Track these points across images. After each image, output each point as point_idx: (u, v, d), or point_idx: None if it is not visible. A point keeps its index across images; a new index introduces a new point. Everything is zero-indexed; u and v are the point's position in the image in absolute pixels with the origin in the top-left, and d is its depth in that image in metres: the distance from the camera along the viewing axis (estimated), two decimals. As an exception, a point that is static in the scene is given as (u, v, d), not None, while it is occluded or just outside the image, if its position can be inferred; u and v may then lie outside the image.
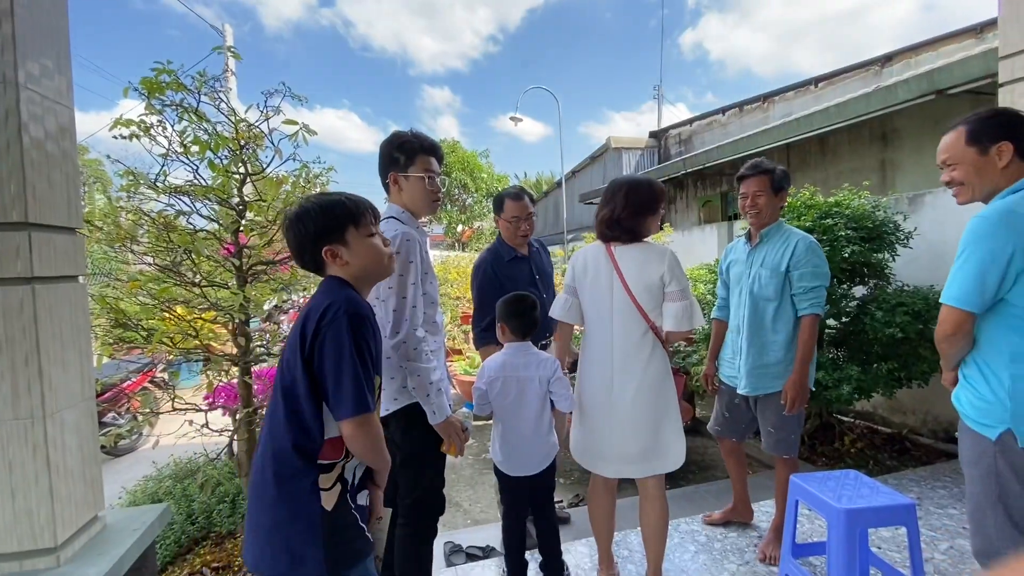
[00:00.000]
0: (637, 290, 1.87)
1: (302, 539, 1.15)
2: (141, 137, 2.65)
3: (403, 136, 1.80)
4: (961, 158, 1.46)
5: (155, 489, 2.98)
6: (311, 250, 1.25)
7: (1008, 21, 2.98)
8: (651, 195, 1.92)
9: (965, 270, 1.35)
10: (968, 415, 1.43)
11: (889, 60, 6.80)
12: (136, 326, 2.65)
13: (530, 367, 1.96)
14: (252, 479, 1.23)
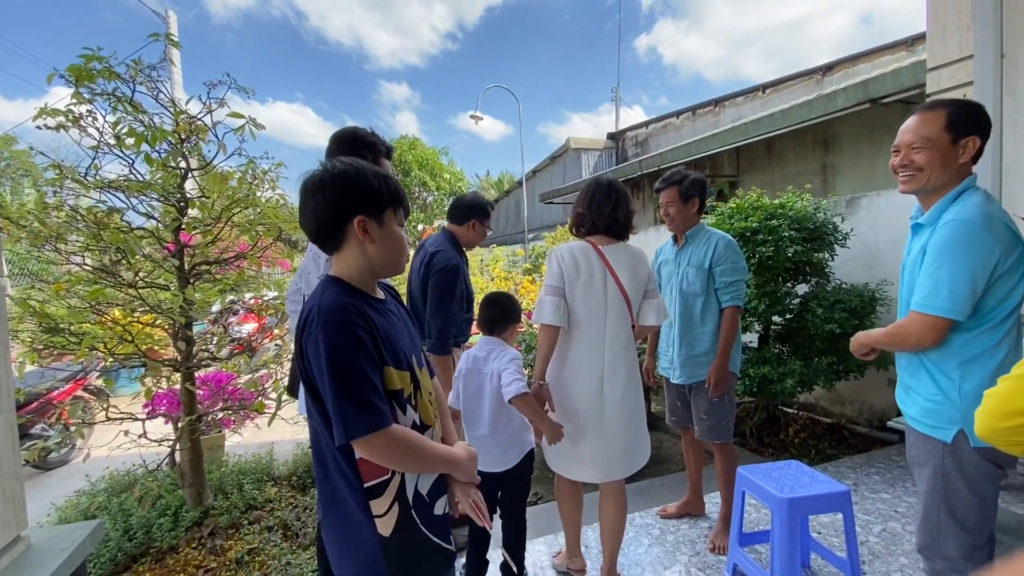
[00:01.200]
0: (630, 289, 1.92)
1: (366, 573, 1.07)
2: (70, 128, 2.48)
3: (369, 135, 1.75)
4: (933, 141, 1.37)
5: (88, 504, 2.79)
6: (342, 216, 1.06)
7: (935, 37, 3.19)
8: (629, 196, 2.04)
9: (957, 278, 1.28)
10: (918, 419, 1.45)
11: (830, 69, 7.17)
12: (65, 331, 2.47)
13: (489, 362, 1.94)
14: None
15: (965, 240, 1.29)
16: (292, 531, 2.63)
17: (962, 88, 3.03)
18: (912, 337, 1.39)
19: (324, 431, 1.06)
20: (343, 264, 1.11)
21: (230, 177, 2.68)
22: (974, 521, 1.36)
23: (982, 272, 1.28)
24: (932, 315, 1.33)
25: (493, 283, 8.90)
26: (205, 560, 2.37)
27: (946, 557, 1.39)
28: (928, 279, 1.34)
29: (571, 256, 1.92)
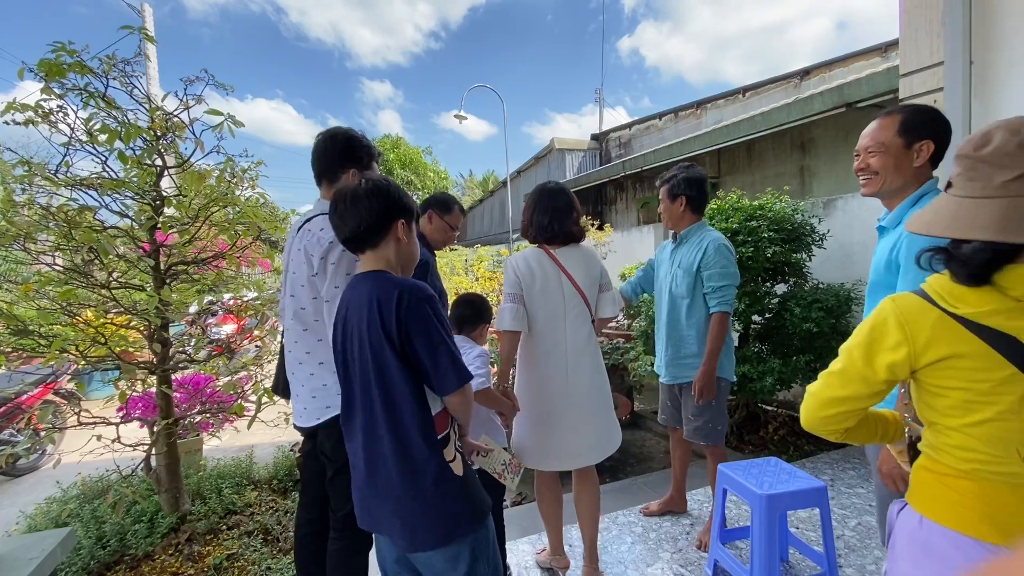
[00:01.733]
0: (585, 287, 2.02)
1: (452, 511, 1.25)
2: (39, 124, 2.41)
3: (362, 137, 1.74)
4: (887, 146, 1.41)
5: (59, 512, 2.71)
6: (387, 220, 1.30)
7: (907, 43, 3.28)
8: (574, 200, 2.10)
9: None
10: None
11: (807, 74, 7.32)
12: (34, 333, 2.39)
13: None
14: (376, 479, 1.27)
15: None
16: (273, 535, 2.59)
17: (933, 94, 3.12)
18: None
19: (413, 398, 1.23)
20: (382, 260, 1.33)
21: (208, 175, 2.63)
22: None
23: None
24: None
25: (478, 283, 8.88)
26: (182, 567, 2.32)
27: None
28: (906, 285, 1.33)
29: (525, 263, 2.00)
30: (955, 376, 0.87)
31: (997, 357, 0.83)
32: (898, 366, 0.90)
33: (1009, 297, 0.84)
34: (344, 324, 1.32)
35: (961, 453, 0.89)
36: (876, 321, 0.94)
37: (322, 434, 1.64)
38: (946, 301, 0.88)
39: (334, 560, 1.66)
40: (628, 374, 3.68)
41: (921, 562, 0.91)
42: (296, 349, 1.65)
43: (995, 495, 0.87)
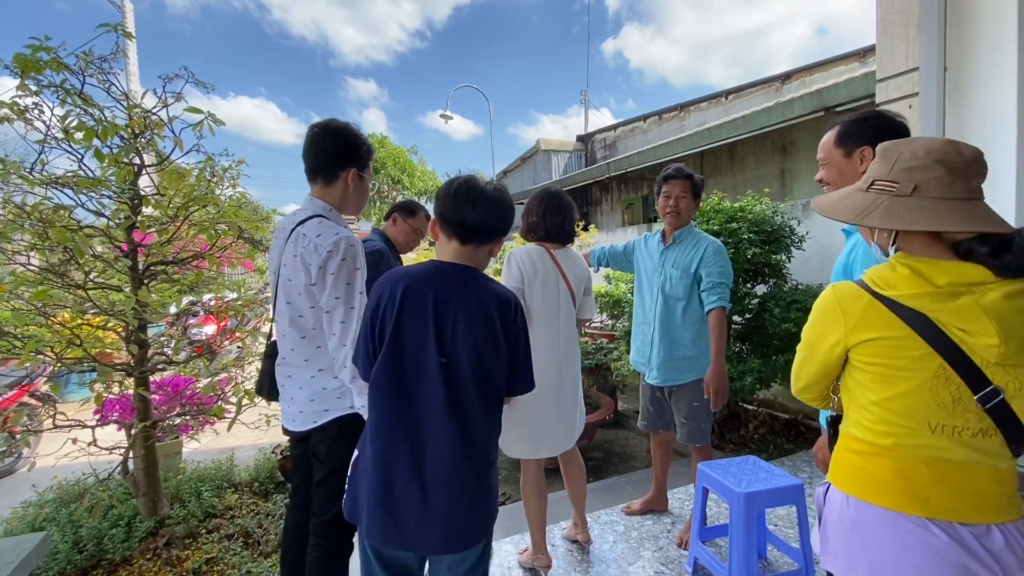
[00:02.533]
0: (576, 287, 2.19)
1: (491, 507, 1.32)
2: (15, 120, 2.36)
3: (362, 135, 1.68)
4: (829, 159, 1.47)
5: (35, 516, 2.65)
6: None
7: (883, 48, 3.36)
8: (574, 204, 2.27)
9: None
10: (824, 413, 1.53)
11: (788, 78, 7.44)
12: (9, 334, 2.34)
13: None
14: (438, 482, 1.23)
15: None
16: (253, 538, 2.56)
17: (908, 99, 3.20)
18: None
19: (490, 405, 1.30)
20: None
21: (187, 174, 2.59)
22: None
23: None
24: None
25: (463, 283, 8.85)
26: (160, 572, 2.29)
27: None
28: None
29: (529, 258, 2.11)
30: (879, 353, 0.95)
31: (915, 337, 0.91)
32: (838, 345, 1.00)
33: (933, 282, 0.92)
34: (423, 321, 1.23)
35: (881, 427, 0.96)
36: (819, 307, 1.06)
37: (316, 437, 1.62)
38: (877, 286, 0.97)
39: (314, 567, 1.65)
40: (611, 374, 3.71)
41: (850, 539, 0.97)
42: (292, 356, 1.61)
43: (912, 469, 0.93)
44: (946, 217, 0.91)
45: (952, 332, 0.89)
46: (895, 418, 0.94)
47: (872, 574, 0.93)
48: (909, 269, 0.95)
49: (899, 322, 0.92)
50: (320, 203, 1.63)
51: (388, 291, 1.26)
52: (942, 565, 0.88)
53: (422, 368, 1.23)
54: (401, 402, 1.24)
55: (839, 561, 1.00)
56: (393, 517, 1.22)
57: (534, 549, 2.26)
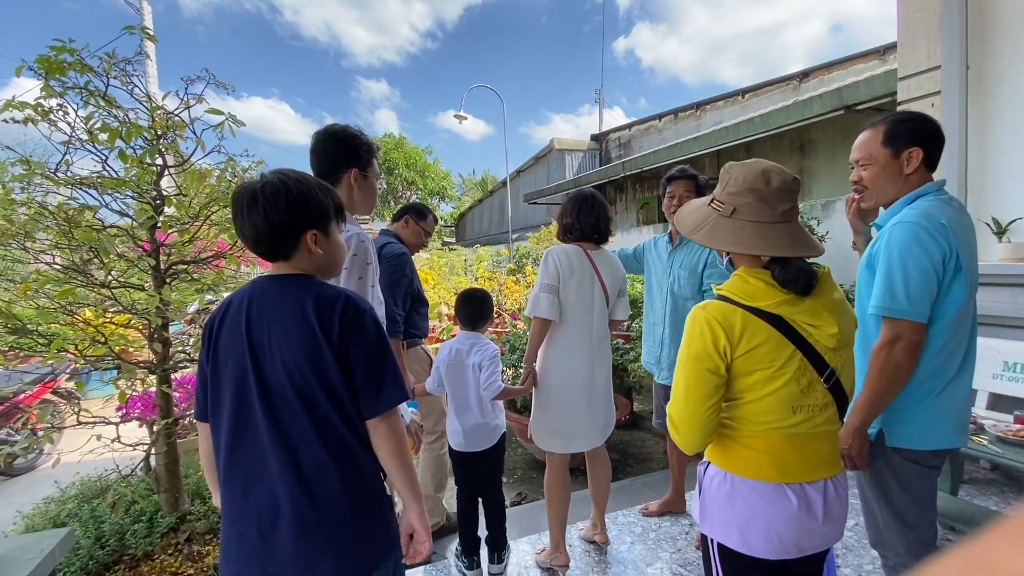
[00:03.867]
0: (610, 288, 2.24)
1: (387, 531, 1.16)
2: (39, 122, 2.40)
3: (362, 135, 1.70)
4: (874, 158, 1.42)
5: (57, 512, 2.70)
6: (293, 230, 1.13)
7: (905, 46, 3.30)
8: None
9: (909, 279, 1.28)
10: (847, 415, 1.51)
11: (806, 76, 7.34)
12: (33, 332, 2.39)
13: (471, 354, 2.15)
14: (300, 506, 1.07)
15: (913, 239, 1.29)
16: (272, 535, 2.58)
17: (930, 97, 3.14)
18: (884, 358, 1.31)
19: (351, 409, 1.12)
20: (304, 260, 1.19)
21: (208, 175, 2.63)
22: (914, 517, 1.39)
23: (932, 272, 1.28)
24: (895, 318, 1.30)
25: (477, 283, 8.88)
26: (182, 567, 2.32)
27: (896, 552, 1.43)
28: (883, 282, 1.33)
29: (566, 258, 2.16)
30: (758, 360, 1.08)
31: (783, 339, 1.07)
32: (723, 360, 1.09)
33: (781, 290, 1.09)
34: (236, 334, 1.12)
35: (760, 417, 1.11)
36: (697, 330, 1.11)
37: None
38: (742, 299, 1.10)
39: None
40: (628, 375, 3.68)
41: (726, 507, 1.14)
42: None
43: (777, 446, 1.10)
44: (748, 240, 1.09)
45: (803, 328, 1.08)
46: (772, 408, 1.09)
47: (742, 533, 1.12)
48: (762, 282, 1.10)
49: (771, 329, 1.07)
50: None
51: (207, 325, 1.18)
52: (793, 519, 1.09)
53: (245, 397, 1.10)
54: (232, 438, 1.11)
55: (716, 526, 1.17)
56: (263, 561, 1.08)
57: (552, 548, 2.26)
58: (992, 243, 2.83)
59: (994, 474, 3.04)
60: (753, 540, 1.11)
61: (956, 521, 2.29)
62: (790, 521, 1.09)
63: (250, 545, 1.08)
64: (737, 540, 1.12)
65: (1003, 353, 2.66)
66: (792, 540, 1.09)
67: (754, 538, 1.11)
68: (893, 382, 1.32)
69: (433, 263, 9.18)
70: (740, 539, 1.12)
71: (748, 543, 1.11)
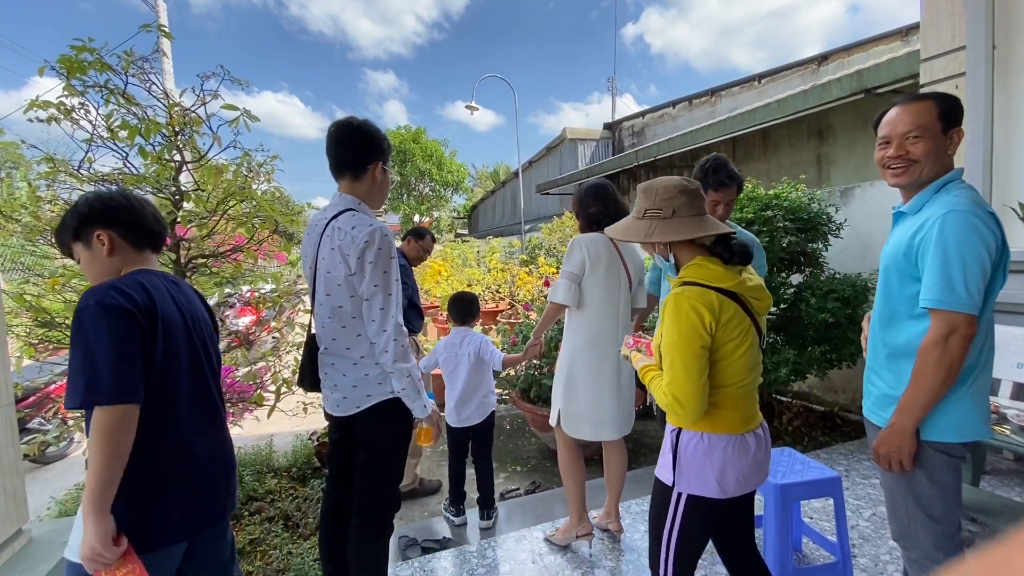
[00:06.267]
0: (634, 276, 2.30)
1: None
2: (61, 120, 2.46)
3: (381, 131, 1.73)
4: (931, 131, 1.35)
5: (88, 497, 2.81)
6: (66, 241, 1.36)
7: (928, 27, 3.20)
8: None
9: (968, 270, 1.23)
10: (873, 409, 1.48)
11: (825, 59, 7.16)
12: (61, 325, 2.47)
13: (464, 345, 2.64)
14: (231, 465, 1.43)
15: (973, 230, 1.24)
16: (293, 521, 2.66)
17: (954, 79, 3.05)
18: (939, 354, 1.26)
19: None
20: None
21: (225, 170, 2.67)
22: (940, 510, 1.37)
23: (989, 264, 1.24)
24: (950, 311, 1.24)
25: (490, 274, 8.90)
26: (207, 550, 2.40)
27: (920, 546, 1.41)
28: (938, 274, 1.26)
29: (594, 246, 2.20)
30: (732, 330, 1.30)
31: (742, 312, 1.31)
32: (708, 334, 1.27)
33: (736, 273, 1.34)
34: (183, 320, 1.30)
35: (731, 378, 1.32)
36: (684, 316, 1.28)
37: (360, 422, 1.67)
38: (712, 282, 1.31)
39: (356, 545, 1.71)
40: (641, 365, 3.68)
41: (704, 463, 1.33)
42: (334, 346, 1.67)
43: (740, 401, 1.35)
44: (697, 227, 1.34)
45: (750, 302, 1.34)
46: (738, 368, 1.32)
47: (719, 481, 1.32)
48: (719, 267, 1.33)
49: (735, 304, 1.30)
50: (350, 198, 1.68)
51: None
52: (753, 460, 1.35)
53: (200, 364, 1.34)
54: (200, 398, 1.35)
55: (693, 481, 1.35)
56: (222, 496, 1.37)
57: (576, 519, 2.34)
58: (1019, 229, 2.75)
59: (1017, 464, 2.99)
60: (728, 484, 1.32)
61: (978, 512, 2.26)
62: (752, 462, 1.34)
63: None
64: (715, 488, 1.32)
65: (1028, 342, 2.59)
66: (750, 477, 1.35)
67: (729, 482, 1.32)
68: (948, 378, 1.27)
69: (446, 255, 9.22)
70: (718, 486, 1.32)
71: (724, 488, 1.32)
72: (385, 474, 1.73)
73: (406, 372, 1.58)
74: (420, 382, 1.64)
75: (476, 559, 2.34)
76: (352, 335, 1.63)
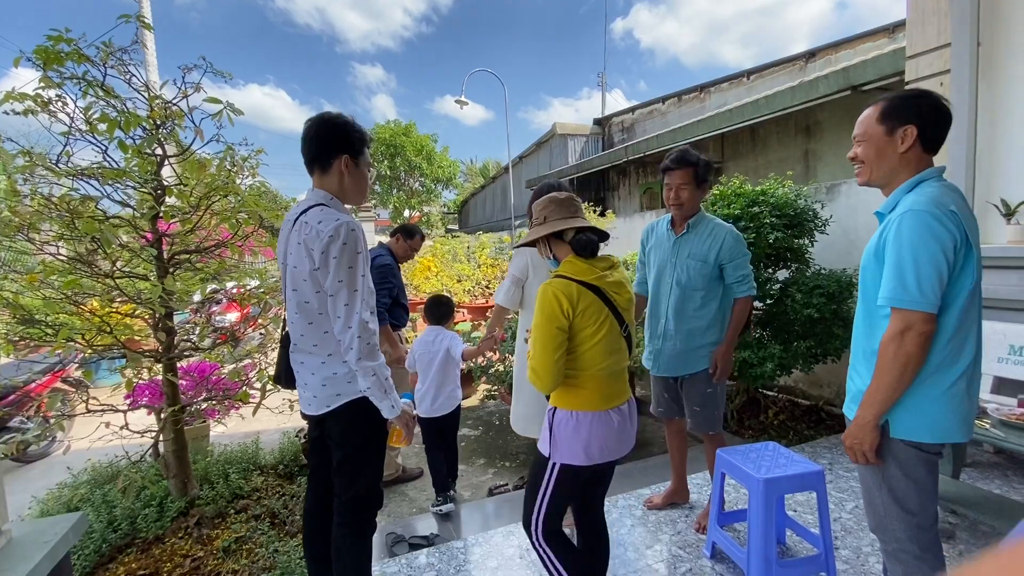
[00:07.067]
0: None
1: None
2: (39, 113, 2.40)
3: (354, 123, 1.69)
4: (870, 135, 1.41)
5: (70, 497, 2.77)
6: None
7: (914, 24, 3.22)
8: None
9: (920, 268, 1.26)
10: (849, 405, 1.50)
11: (813, 56, 7.20)
12: (41, 322, 2.42)
13: (437, 342, 2.89)
14: None
15: (925, 228, 1.26)
16: (279, 519, 2.64)
17: (939, 76, 3.08)
18: (894, 349, 1.29)
19: None
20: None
21: (208, 164, 2.63)
22: (915, 504, 1.39)
23: (944, 261, 1.25)
24: (904, 309, 1.28)
25: (480, 270, 8.87)
26: (192, 550, 2.38)
27: (896, 539, 1.43)
28: (892, 272, 1.30)
29: (538, 251, 2.21)
30: (588, 317, 1.51)
31: (599, 302, 1.53)
32: (566, 320, 1.50)
33: (598, 269, 1.57)
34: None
35: (591, 362, 1.55)
36: (547, 301, 1.51)
37: (331, 421, 1.66)
38: (575, 276, 1.54)
39: (338, 544, 1.70)
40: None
41: (574, 437, 1.57)
42: (302, 342, 1.65)
43: (601, 383, 1.58)
44: (552, 227, 1.59)
45: (611, 295, 1.55)
46: (597, 353, 1.54)
47: (586, 451, 1.56)
48: (583, 264, 1.57)
49: (593, 296, 1.52)
50: (321, 192, 1.67)
51: None
52: (614, 432, 1.59)
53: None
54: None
55: (565, 453, 1.58)
56: None
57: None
58: (1000, 225, 2.79)
59: (997, 457, 3.05)
60: (594, 453, 1.57)
61: (958, 505, 2.30)
62: (612, 434, 1.58)
63: None
64: (582, 456, 1.57)
65: (1009, 336, 2.64)
66: (612, 446, 1.60)
67: (594, 452, 1.57)
68: (904, 374, 1.30)
69: (436, 250, 9.18)
70: (584, 455, 1.57)
71: (590, 456, 1.57)
72: (362, 473, 1.71)
73: (371, 370, 1.54)
74: (388, 381, 1.59)
75: (463, 555, 2.35)
76: (319, 332, 1.61)
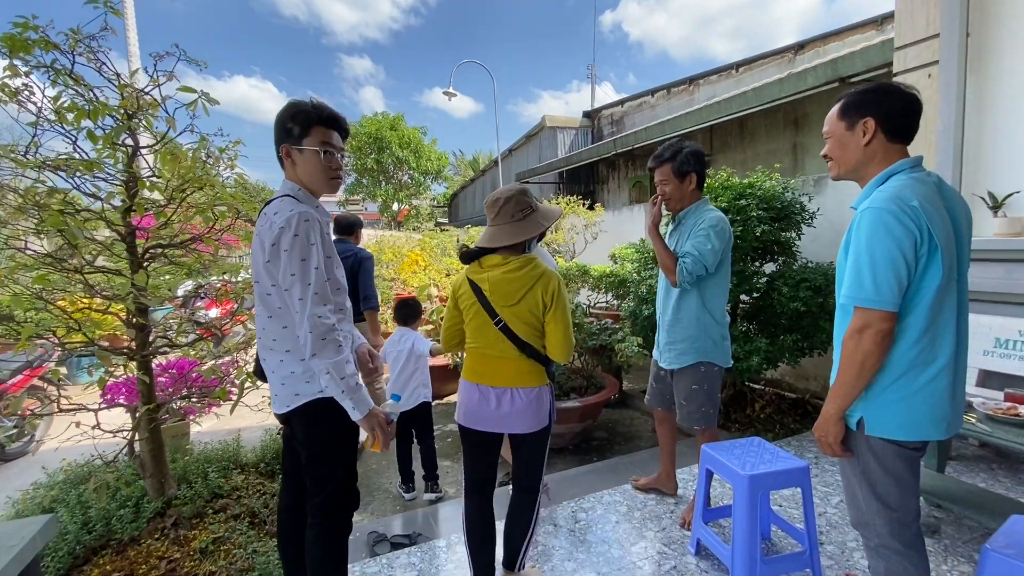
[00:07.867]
0: None
1: None
2: (7, 103, 2.31)
3: (299, 105, 1.61)
4: (833, 131, 1.45)
5: (44, 497, 2.70)
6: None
7: (902, 15, 3.20)
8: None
9: (876, 266, 1.26)
10: None
11: (802, 48, 7.18)
12: (12, 319, 2.34)
13: (403, 342, 3.12)
14: None
15: (881, 225, 1.25)
16: (259, 518, 2.59)
17: (927, 67, 3.06)
18: (853, 346, 1.31)
19: None
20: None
21: (183, 156, 2.54)
22: (895, 499, 1.38)
23: (901, 259, 1.24)
24: (861, 307, 1.29)
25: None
26: (168, 551, 2.32)
27: (877, 534, 1.42)
28: (851, 270, 1.31)
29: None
30: (463, 302, 1.88)
31: (471, 293, 1.85)
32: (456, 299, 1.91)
33: (483, 267, 1.84)
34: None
35: (469, 339, 1.92)
36: (451, 286, 1.94)
37: (294, 420, 1.60)
38: (467, 272, 1.89)
39: (312, 547, 1.65)
40: (616, 355, 3.67)
41: (460, 396, 1.94)
42: (264, 336, 1.60)
43: (475, 359, 1.90)
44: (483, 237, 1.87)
45: (484, 289, 1.82)
46: (470, 333, 1.90)
47: (461, 410, 1.92)
48: (475, 264, 1.87)
49: (469, 287, 1.85)
50: (289, 184, 1.64)
51: None
52: (476, 404, 1.87)
53: None
54: None
55: (460, 413, 1.93)
56: None
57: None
58: (987, 217, 2.78)
59: (983, 451, 3.06)
60: (462, 414, 1.92)
61: (943, 499, 2.30)
62: (474, 404, 1.87)
63: None
64: (461, 416, 1.92)
65: (995, 330, 2.64)
66: (475, 416, 1.87)
67: (462, 413, 1.91)
68: (862, 371, 1.32)
69: (425, 244, 9.11)
70: (462, 415, 1.91)
71: (464, 418, 1.91)
72: (331, 475, 1.65)
73: (324, 368, 1.44)
74: (349, 380, 1.48)
75: (446, 554, 2.32)
76: (277, 326, 1.56)
